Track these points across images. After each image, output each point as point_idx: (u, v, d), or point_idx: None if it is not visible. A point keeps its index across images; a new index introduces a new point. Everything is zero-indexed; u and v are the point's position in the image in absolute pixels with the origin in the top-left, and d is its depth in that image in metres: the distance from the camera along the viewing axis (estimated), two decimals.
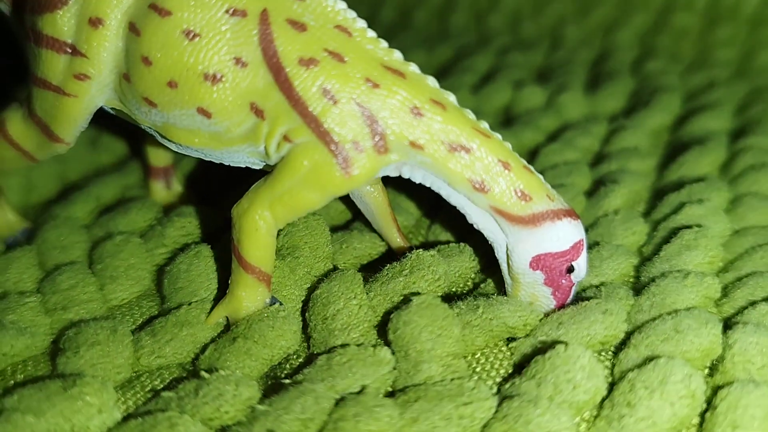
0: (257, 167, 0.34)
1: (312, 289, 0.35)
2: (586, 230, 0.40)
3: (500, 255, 0.32)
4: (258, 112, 0.31)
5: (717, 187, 0.41)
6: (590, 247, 0.38)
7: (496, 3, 0.70)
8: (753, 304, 0.33)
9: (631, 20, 0.65)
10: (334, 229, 0.40)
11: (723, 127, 0.50)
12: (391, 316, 0.32)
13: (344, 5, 0.31)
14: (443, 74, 0.60)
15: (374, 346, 0.31)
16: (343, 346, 0.31)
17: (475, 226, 0.32)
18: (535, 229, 0.31)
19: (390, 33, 0.68)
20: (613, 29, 0.65)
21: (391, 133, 0.30)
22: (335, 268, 0.37)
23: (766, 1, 0.61)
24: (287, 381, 0.30)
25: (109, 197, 0.44)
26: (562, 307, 0.33)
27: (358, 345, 0.31)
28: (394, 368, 0.31)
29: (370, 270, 0.37)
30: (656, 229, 0.39)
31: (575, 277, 0.32)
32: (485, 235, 0.32)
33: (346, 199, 0.41)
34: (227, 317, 0.33)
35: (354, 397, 0.29)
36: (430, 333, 0.31)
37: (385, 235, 0.38)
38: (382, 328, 0.33)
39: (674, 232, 0.38)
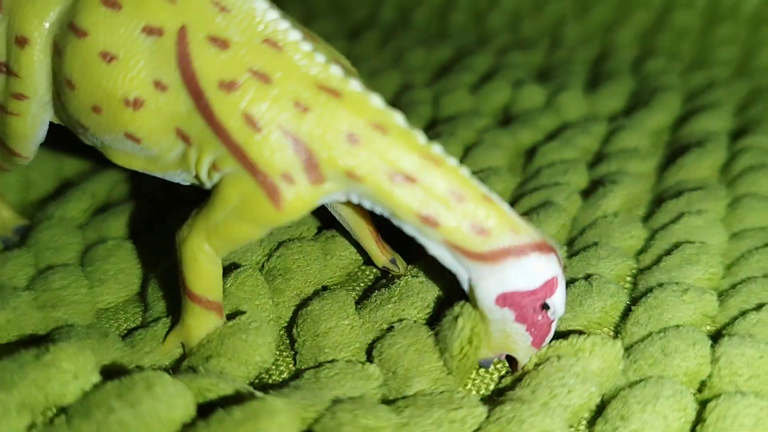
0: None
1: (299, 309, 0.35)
2: (583, 230, 0.40)
3: (465, 287, 0.29)
4: (185, 139, 0.29)
5: (715, 195, 0.41)
6: (587, 247, 0.38)
7: (495, 2, 0.70)
8: (744, 313, 0.33)
9: (631, 19, 0.65)
10: (318, 232, 0.39)
11: (723, 127, 0.50)
12: (375, 343, 0.32)
13: (276, 15, 0.28)
14: (442, 74, 0.60)
15: (362, 362, 0.31)
16: (331, 361, 0.31)
17: (435, 257, 0.29)
18: (497, 266, 0.27)
19: (389, 33, 0.68)
20: (613, 28, 0.65)
21: (324, 163, 0.27)
22: (325, 288, 0.37)
23: (766, 1, 0.61)
24: (272, 393, 0.29)
25: (105, 195, 0.44)
26: (541, 343, 0.30)
27: (346, 360, 0.31)
28: (382, 384, 0.30)
29: (358, 284, 0.37)
30: (653, 237, 0.39)
31: (552, 314, 0.29)
32: (446, 267, 0.29)
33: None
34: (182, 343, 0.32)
35: (351, 399, 0.28)
36: (415, 351, 0.31)
37: (364, 247, 0.36)
38: (370, 355, 0.33)
39: (674, 244, 0.37)
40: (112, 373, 0.28)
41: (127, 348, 0.33)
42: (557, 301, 0.28)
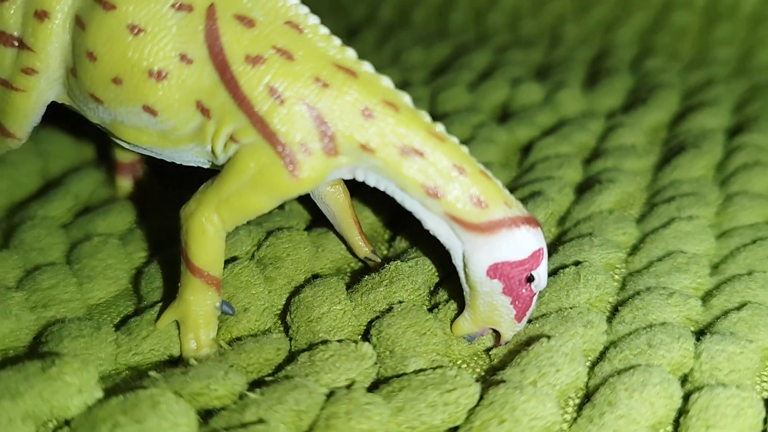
0: (207, 167, 0.33)
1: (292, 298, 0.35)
2: (577, 223, 0.40)
3: (457, 263, 0.31)
4: (204, 111, 0.30)
5: (706, 201, 0.41)
6: (581, 236, 0.38)
7: (495, 1, 0.70)
8: (726, 313, 0.33)
9: (630, 18, 0.65)
10: (309, 228, 0.40)
11: (720, 125, 0.50)
12: (374, 322, 0.33)
13: (296, 1, 0.30)
14: (441, 71, 0.60)
15: (356, 342, 0.31)
16: (324, 342, 0.32)
17: (431, 232, 0.31)
18: (491, 236, 0.29)
19: (389, 31, 0.68)
20: (613, 27, 0.65)
21: (340, 135, 0.29)
22: (316, 277, 0.37)
23: (765, 0, 0.61)
24: (270, 378, 0.30)
25: (88, 194, 0.44)
26: (523, 316, 0.31)
27: (339, 341, 0.31)
28: (376, 363, 0.31)
29: (348, 275, 0.37)
30: (644, 240, 0.39)
31: (536, 286, 0.31)
32: (441, 242, 0.31)
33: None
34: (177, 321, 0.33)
35: (345, 393, 0.29)
36: (414, 333, 0.32)
37: (346, 237, 0.37)
38: (365, 336, 0.33)
39: (666, 252, 0.38)
40: (114, 388, 0.29)
41: (123, 336, 0.33)
42: (541, 272, 0.30)
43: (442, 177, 0.29)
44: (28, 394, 0.28)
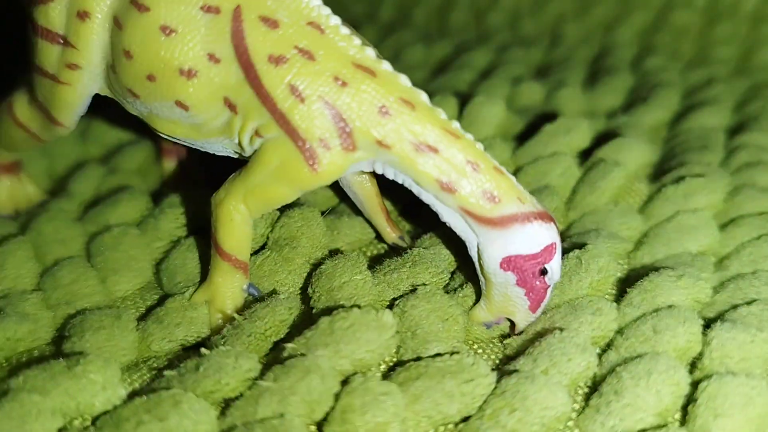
0: (236, 157, 0.35)
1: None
2: (581, 216, 0.40)
3: (472, 253, 0.32)
4: (231, 107, 0.32)
5: (712, 188, 0.41)
6: (585, 232, 0.38)
7: (496, 1, 0.70)
8: (735, 307, 0.33)
9: (631, 18, 0.65)
10: (322, 215, 0.40)
11: (721, 124, 0.50)
12: (397, 301, 0.33)
13: (319, 2, 0.31)
14: (441, 70, 0.60)
15: (376, 309, 0.31)
16: (346, 309, 0.31)
17: (447, 224, 0.32)
18: (504, 230, 0.31)
19: (389, 30, 0.68)
20: (613, 27, 0.66)
21: (357, 132, 0.31)
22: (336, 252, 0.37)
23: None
24: (289, 345, 0.30)
25: (94, 190, 0.44)
26: (537, 308, 0.32)
27: (361, 308, 0.31)
28: (398, 333, 0.31)
29: (366, 257, 0.38)
30: (647, 235, 0.39)
31: (549, 279, 0.32)
32: (458, 233, 0.32)
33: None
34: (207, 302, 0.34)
35: (360, 382, 0.28)
36: (437, 317, 0.32)
37: (374, 224, 0.39)
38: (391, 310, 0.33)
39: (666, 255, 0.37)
40: (138, 388, 0.31)
41: (154, 325, 0.34)
42: (554, 265, 0.31)
43: (456, 172, 0.31)
44: (55, 391, 0.29)
